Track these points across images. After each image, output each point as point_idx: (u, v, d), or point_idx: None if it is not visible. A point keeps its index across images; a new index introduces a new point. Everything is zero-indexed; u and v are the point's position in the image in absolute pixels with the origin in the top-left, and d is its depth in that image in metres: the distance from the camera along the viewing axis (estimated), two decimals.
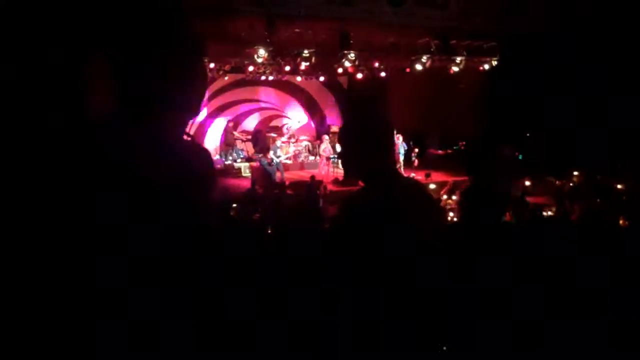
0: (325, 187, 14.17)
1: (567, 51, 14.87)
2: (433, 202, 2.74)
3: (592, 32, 13.84)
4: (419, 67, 15.98)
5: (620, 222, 8.51)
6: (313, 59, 14.91)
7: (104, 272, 1.18)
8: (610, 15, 13.36)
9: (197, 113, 1.43)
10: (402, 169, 17.07)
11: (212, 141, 20.17)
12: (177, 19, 1.27)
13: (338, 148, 17.96)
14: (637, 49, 13.49)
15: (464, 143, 19.59)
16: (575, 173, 14.09)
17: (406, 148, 17.67)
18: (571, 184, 13.72)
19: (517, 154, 18.02)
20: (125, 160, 1.19)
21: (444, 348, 2.89)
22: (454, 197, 13.37)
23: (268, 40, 13.17)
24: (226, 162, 18.83)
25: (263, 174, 16.57)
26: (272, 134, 19.79)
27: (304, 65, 15.41)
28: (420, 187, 2.80)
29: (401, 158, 17.29)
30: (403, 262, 2.35)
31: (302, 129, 21.82)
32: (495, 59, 16.40)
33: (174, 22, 1.26)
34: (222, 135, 20.23)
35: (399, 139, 17.13)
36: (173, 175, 1.29)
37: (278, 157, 17.19)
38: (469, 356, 3.37)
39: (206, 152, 1.66)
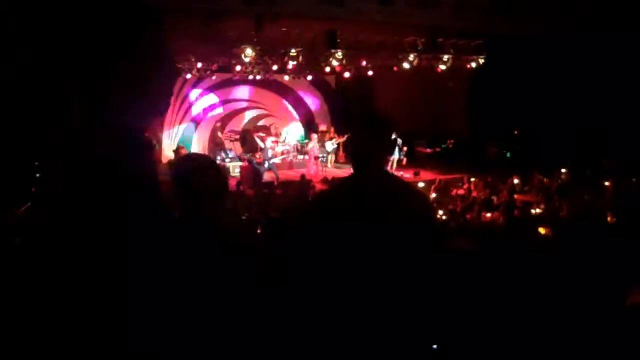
0: (314, 187, 14.16)
1: (555, 50, 14.95)
2: (422, 201, 2.73)
3: (579, 32, 13.91)
4: (406, 65, 16.00)
5: (609, 218, 8.56)
6: (301, 58, 14.90)
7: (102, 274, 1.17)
8: (597, 15, 13.45)
9: (163, 113, 1.41)
10: (394, 168, 17.06)
11: (200, 141, 20.12)
12: (146, 22, 1.26)
13: (328, 147, 18.00)
14: (624, 48, 13.59)
15: (452, 141, 19.65)
16: (564, 170, 14.17)
17: (400, 148, 17.66)
18: (560, 182, 13.78)
19: (505, 152, 18.11)
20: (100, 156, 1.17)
21: (434, 347, 2.89)
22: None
23: (255, 40, 13.15)
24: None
25: (253, 174, 16.52)
26: (261, 134, 19.75)
27: (291, 64, 15.39)
28: (408, 186, 2.81)
29: (395, 157, 17.27)
30: (377, 258, 2.35)
31: (290, 129, 21.84)
32: (482, 57, 16.45)
33: (142, 26, 1.24)
34: (210, 135, 20.18)
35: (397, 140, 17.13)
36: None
37: (270, 158, 17.14)
38: (461, 354, 3.37)
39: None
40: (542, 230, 7.95)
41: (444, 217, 10.31)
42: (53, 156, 1.19)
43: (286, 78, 20.16)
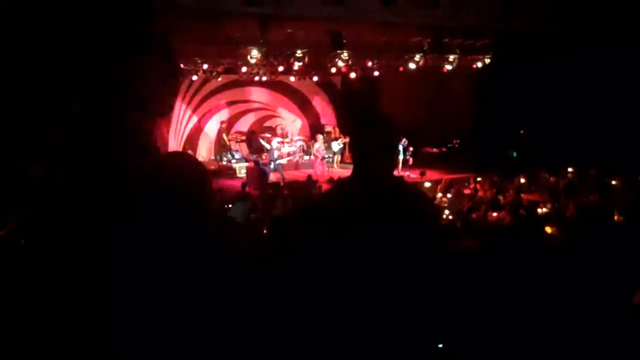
0: (320, 187, 14.17)
1: (561, 49, 14.91)
2: (425, 204, 2.73)
3: (583, 30, 13.87)
4: (412, 65, 15.97)
5: (615, 217, 8.54)
6: (306, 59, 14.91)
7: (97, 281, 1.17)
8: (601, 14, 13.41)
9: (167, 113, 1.40)
10: (400, 168, 17.06)
11: (206, 142, 20.16)
12: (147, 22, 1.26)
13: (334, 147, 18.00)
14: (631, 46, 13.55)
15: (458, 141, 19.61)
16: (570, 170, 14.13)
17: (405, 148, 17.67)
18: (566, 181, 13.75)
19: (511, 151, 18.07)
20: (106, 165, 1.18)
21: (440, 346, 2.89)
22: (448, 195, 13.39)
23: (261, 41, 13.16)
24: (221, 163, 18.84)
25: (259, 175, 16.55)
26: (267, 135, 19.77)
27: (297, 65, 15.39)
28: (411, 189, 2.81)
29: (400, 158, 17.25)
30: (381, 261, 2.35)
31: (296, 129, 21.85)
32: (487, 56, 16.41)
33: (144, 26, 1.24)
34: (216, 136, 20.21)
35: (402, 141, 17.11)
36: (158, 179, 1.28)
37: (276, 159, 17.20)
38: (465, 354, 3.38)
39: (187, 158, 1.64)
40: (548, 229, 7.95)
41: (450, 217, 10.31)
42: (52, 157, 1.20)
43: (292, 79, 20.16)
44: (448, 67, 16.45)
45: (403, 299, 2.35)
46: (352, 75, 18.64)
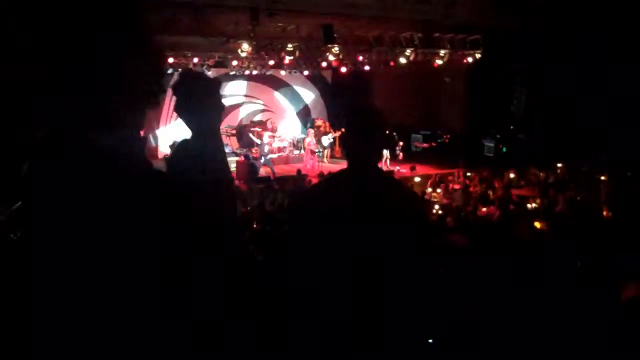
0: (310, 181, 14.16)
1: (551, 45, 14.95)
2: (414, 200, 2.73)
3: (574, 26, 13.91)
4: (402, 60, 15.95)
5: (604, 213, 8.60)
6: (297, 53, 14.87)
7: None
8: (593, 11, 13.44)
9: (154, 106, 1.39)
10: (388, 163, 17.13)
11: None
12: (137, 16, 1.25)
13: (324, 142, 17.93)
14: (622, 43, 13.61)
15: (448, 136, 19.65)
16: (559, 165, 14.20)
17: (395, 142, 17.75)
18: (555, 176, 13.82)
19: (501, 146, 18.12)
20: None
21: (430, 341, 2.90)
22: (438, 190, 13.44)
23: (252, 35, 13.09)
24: None
25: (248, 169, 16.53)
26: (257, 129, 19.73)
27: (288, 59, 15.35)
28: (398, 183, 2.82)
29: (386, 153, 17.28)
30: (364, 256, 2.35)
31: (286, 123, 21.83)
32: (478, 52, 16.41)
33: (133, 20, 1.23)
34: None
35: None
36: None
37: (267, 153, 17.20)
38: (457, 350, 3.39)
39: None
40: (537, 224, 7.98)
41: (440, 212, 10.33)
42: (40, 153, 1.18)
43: (282, 72, 20.12)
44: (439, 62, 16.44)
45: (392, 295, 2.35)
46: (343, 69, 18.61)
